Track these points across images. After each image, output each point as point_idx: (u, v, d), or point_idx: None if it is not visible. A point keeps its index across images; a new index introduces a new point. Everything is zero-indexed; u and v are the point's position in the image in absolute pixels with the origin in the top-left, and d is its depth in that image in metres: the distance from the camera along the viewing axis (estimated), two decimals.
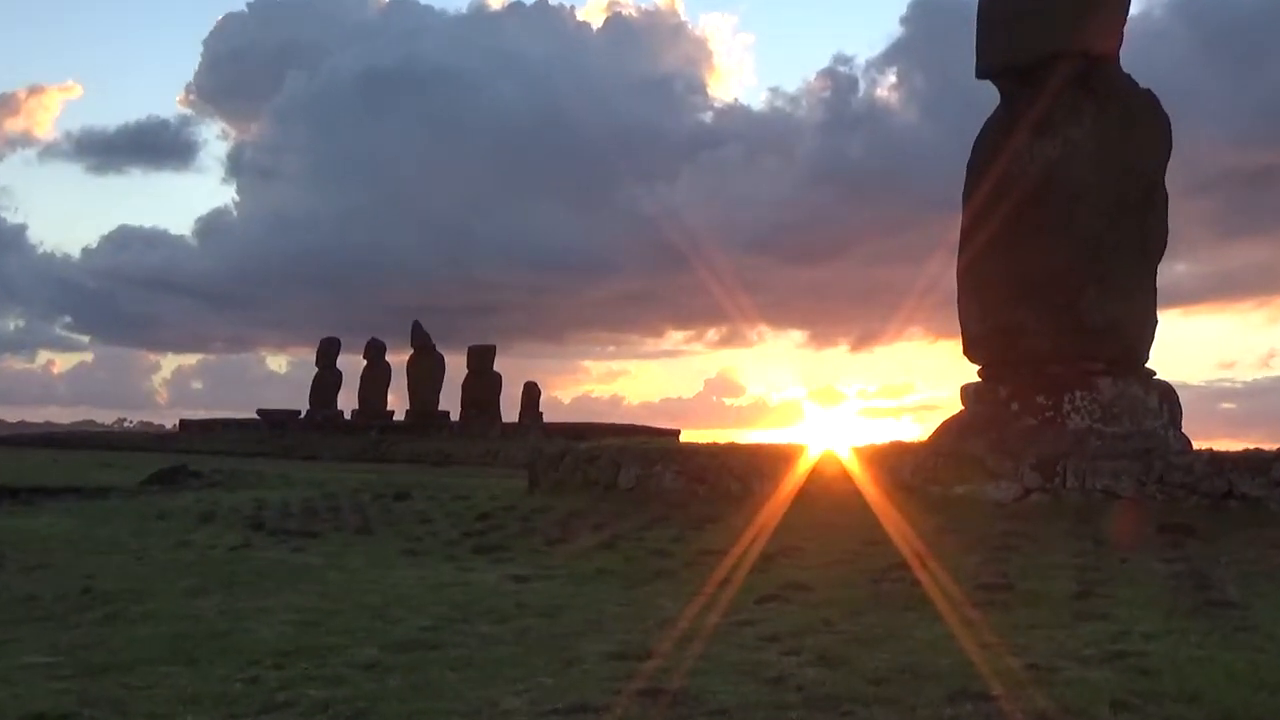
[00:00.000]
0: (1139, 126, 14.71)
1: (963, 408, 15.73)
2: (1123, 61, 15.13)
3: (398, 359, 58.56)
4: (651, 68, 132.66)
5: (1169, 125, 14.98)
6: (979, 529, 11.50)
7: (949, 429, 15.35)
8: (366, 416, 56.15)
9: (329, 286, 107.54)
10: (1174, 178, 15.16)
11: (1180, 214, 15.85)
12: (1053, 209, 14.61)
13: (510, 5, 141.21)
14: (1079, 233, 14.43)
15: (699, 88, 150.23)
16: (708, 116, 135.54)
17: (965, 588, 8.37)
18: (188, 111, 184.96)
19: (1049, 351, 14.67)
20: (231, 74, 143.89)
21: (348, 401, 60.07)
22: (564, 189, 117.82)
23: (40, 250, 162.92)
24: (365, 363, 58.81)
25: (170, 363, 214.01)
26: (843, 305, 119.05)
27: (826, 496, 13.73)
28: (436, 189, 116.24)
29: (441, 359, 56.34)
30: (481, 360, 55.15)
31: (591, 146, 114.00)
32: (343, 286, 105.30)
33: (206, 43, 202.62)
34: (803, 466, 14.70)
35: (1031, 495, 12.97)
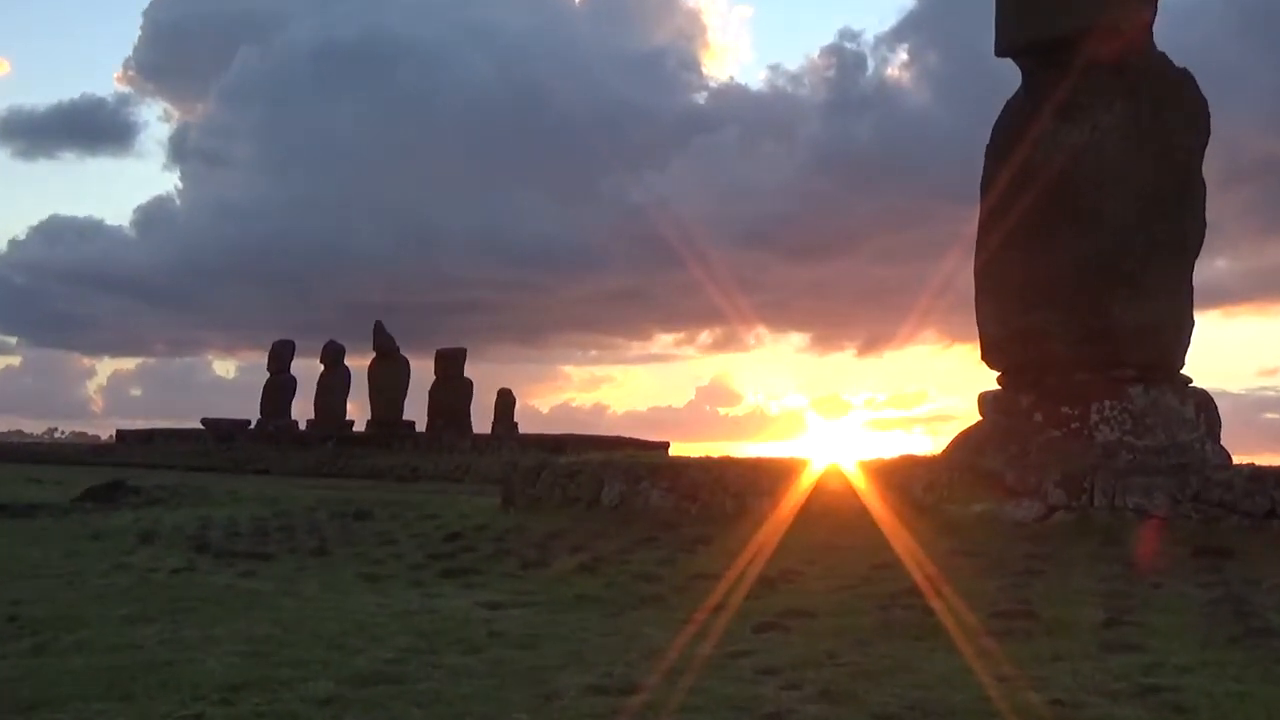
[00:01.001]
0: (1174, 110, 14.80)
1: (980, 418, 15.79)
2: (1156, 39, 15.22)
3: (358, 363, 58.47)
4: (640, 43, 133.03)
5: (1207, 108, 15.07)
6: (998, 551, 11.55)
7: (965, 442, 15.40)
8: (323, 427, 56.01)
9: (282, 283, 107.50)
10: (1212, 166, 15.27)
11: (1219, 205, 15.96)
12: (1079, 200, 14.69)
13: None
14: (1108, 226, 14.51)
15: (692, 65, 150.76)
16: (701, 97, 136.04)
17: (982, 615, 8.40)
18: (126, 90, 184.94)
19: (1075, 357, 14.74)
20: (175, 49, 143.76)
21: (303, 410, 59.96)
22: (542, 176, 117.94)
23: None
24: (322, 368, 58.69)
25: (106, 367, 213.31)
26: (849, 305, 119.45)
27: (830, 516, 13.76)
28: (401, 176, 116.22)
29: (406, 363, 56.27)
30: (451, 365, 55.09)
31: (573, 129, 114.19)
32: (297, 284, 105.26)
33: (147, 14, 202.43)
34: (805, 483, 14.72)
35: (1055, 514, 13.02)
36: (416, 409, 56.10)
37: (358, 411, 58.70)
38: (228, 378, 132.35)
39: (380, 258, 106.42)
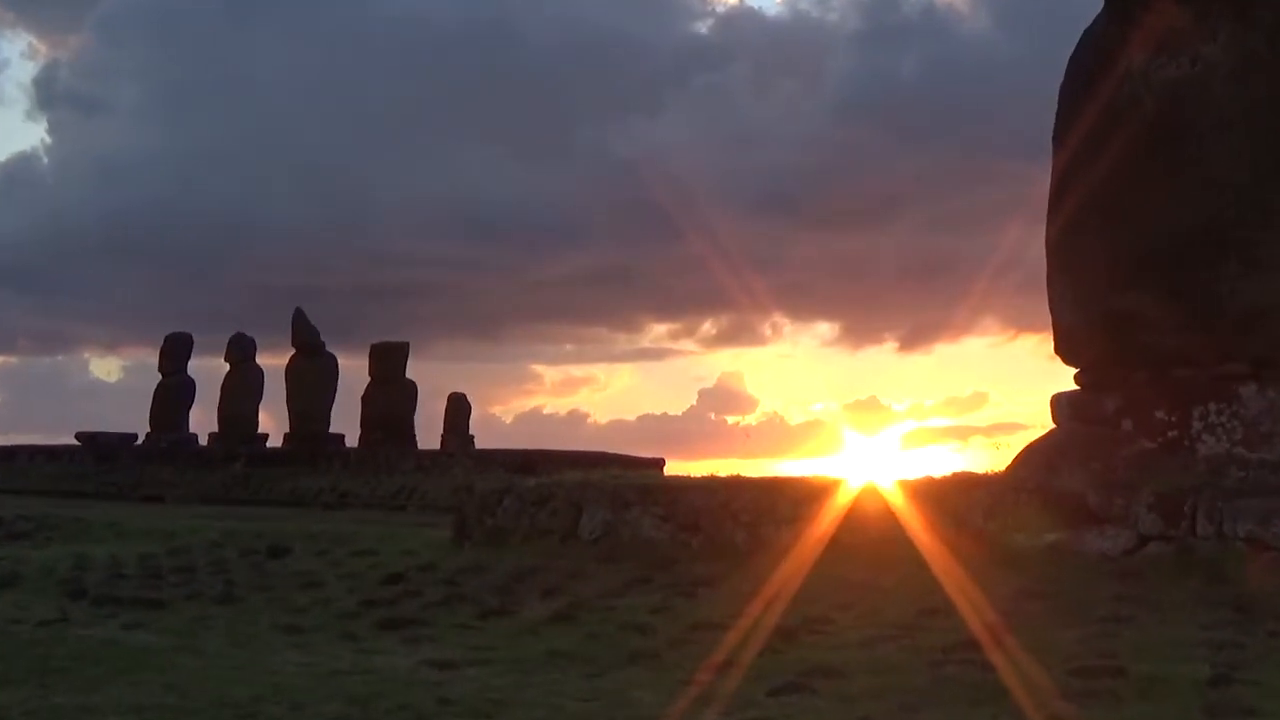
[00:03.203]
0: None
1: (1054, 427, 15.83)
2: None
3: (273, 362, 58.39)
4: None
5: None
6: (1076, 592, 11.60)
7: (1035, 456, 15.44)
8: (230, 442, 55.96)
9: (177, 262, 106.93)
10: None
11: None
12: (1177, 152, 14.73)
13: None
14: (1214, 185, 14.55)
15: None
16: (705, 25, 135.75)
17: (1057, 673, 8.43)
18: None
19: (1173, 349, 14.79)
20: None
21: (203, 422, 59.85)
22: (504, 126, 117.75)
23: None
24: (228, 368, 58.62)
25: None
26: (889, 287, 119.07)
27: (867, 549, 13.80)
28: (327, 126, 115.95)
29: (334, 362, 56.22)
30: (389, 363, 55.07)
31: (544, 66, 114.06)
32: (196, 262, 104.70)
33: None
34: (835, 508, 14.76)
35: (1149, 546, 13.07)
36: (347, 419, 56.07)
37: (272, 423, 58.62)
38: (109, 381, 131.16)
39: (300, 229, 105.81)
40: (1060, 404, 15.85)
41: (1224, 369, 14.60)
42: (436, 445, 56.26)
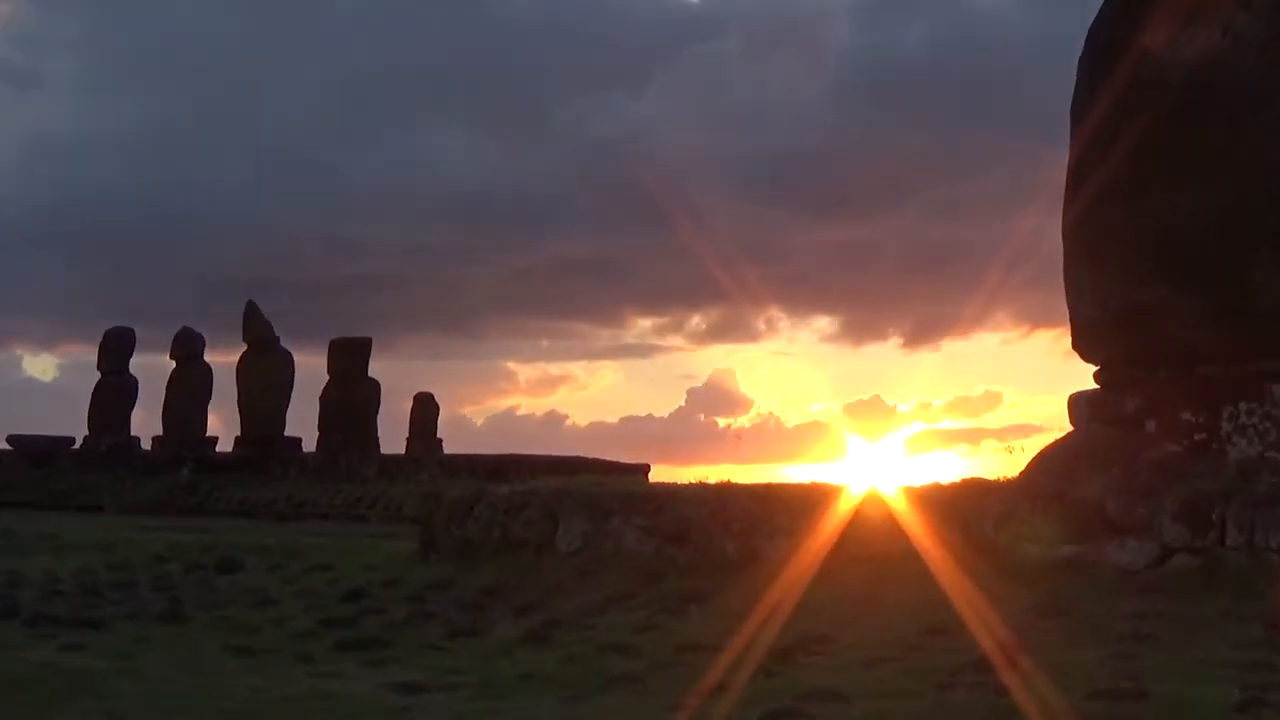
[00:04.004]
0: None
1: (1071, 429, 15.86)
2: None
3: (223, 359, 58.36)
4: None
5: None
6: (1095, 609, 11.63)
7: (1050, 461, 15.47)
8: (175, 446, 55.90)
9: (118, 251, 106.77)
10: None
11: None
12: (1206, 133, 14.76)
13: None
14: (1246, 166, 14.58)
15: None
16: None
17: (1075, 697, 8.45)
18: None
19: (1200, 344, 14.82)
20: None
21: (147, 424, 59.78)
22: (475, 102, 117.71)
23: None
24: (173, 365, 58.56)
25: None
26: (893, 279, 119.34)
27: (870, 562, 13.82)
28: (283, 102, 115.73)
29: (289, 359, 56.16)
30: (350, 361, 55.05)
31: (516, 38, 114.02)
32: (139, 251, 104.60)
33: None
34: (835, 518, 14.78)
35: (1174, 558, 13.11)
36: (304, 421, 56.06)
37: (222, 425, 58.58)
38: (44, 380, 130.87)
39: (253, 215, 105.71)
40: (1078, 404, 15.89)
41: (1255, 366, 14.64)
42: (401, 450, 56.38)
